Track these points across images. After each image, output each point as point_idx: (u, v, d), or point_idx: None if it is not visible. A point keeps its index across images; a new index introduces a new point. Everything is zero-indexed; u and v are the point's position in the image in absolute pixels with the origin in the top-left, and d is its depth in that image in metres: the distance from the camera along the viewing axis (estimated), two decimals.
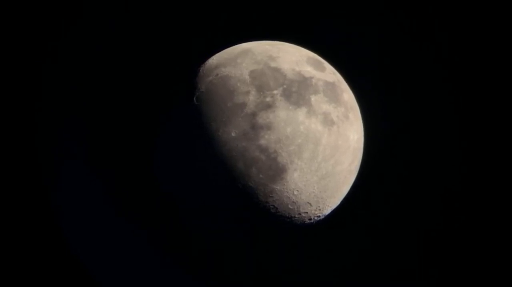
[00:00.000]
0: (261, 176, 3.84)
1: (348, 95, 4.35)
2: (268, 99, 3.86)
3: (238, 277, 5.37)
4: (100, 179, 5.32)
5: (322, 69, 4.26)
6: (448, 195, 5.48)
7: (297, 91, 3.94)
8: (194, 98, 4.05)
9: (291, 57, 4.18)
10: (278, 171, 3.84)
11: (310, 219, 4.27)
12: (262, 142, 3.80)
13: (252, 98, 3.86)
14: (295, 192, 3.95)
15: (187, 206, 4.32)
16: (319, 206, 4.18)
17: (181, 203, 4.36)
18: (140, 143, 5.17)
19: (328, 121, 3.98)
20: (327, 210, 4.36)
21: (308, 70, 4.13)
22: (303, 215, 4.16)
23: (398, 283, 5.40)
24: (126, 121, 5.35)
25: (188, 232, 5.11)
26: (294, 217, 4.13)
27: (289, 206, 4.02)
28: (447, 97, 5.47)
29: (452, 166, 5.46)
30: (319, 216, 4.32)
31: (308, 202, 4.07)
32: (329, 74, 4.28)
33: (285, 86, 3.93)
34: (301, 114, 3.88)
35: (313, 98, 3.97)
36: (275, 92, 3.89)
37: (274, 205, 3.98)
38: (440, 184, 5.48)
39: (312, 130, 3.88)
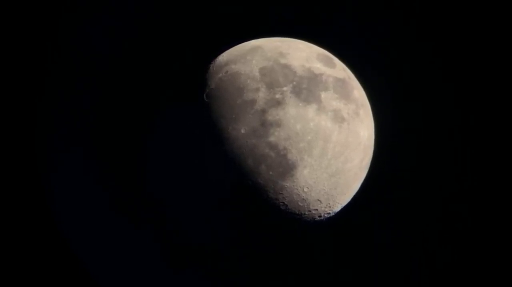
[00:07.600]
0: (270, 173, 3.83)
1: (358, 92, 4.32)
2: (278, 96, 3.85)
3: (246, 275, 5.38)
4: (100, 178, 5.35)
5: (332, 66, 4.23)
6: (459, 193, 5.43)
7: (307, 87, 3.92)
8: (204, 95, 4.05)
9: (301, 54, 4.16)
10: (287, 168, 3.83)
11: (320, 216, 4.26)
12: (272, 139, 3.79)
13: (262, 95, 3.85)
14: (305, 189, 3.94)
15: (193, 204, 4.33)
16: (329, 203, 4.17)
17: (187, 201, 4.37)
18: (146, 141, 5.19)
19: (338, 118, 3.96)
20: (337, 208, 4.34)
21: (318, 66, 4.11)
22: (313, 212, 4.15)
23: (407, 281, 5.37)
24: (132, 119, 5.37)
25: (191, 230, 5.12)
26: (304, 214, 4.12)
27: (299, 203, 4.01)
28: (460, 94, 5.41)
29: (464, 164, 5.41)
30: (329, 213, 4.31)
31: (318, 199, 4.05)
32: (340, 70, 4.25)
33: (295, 83, 3.91)
34: (311, 111, 3.86)
35: (323, 95, 3.95)
36: (285, 89, 3.88)
37: (284, 202, 3.98)
38: (451, 182, 5.44)
39: (322, 127, 3.86)
